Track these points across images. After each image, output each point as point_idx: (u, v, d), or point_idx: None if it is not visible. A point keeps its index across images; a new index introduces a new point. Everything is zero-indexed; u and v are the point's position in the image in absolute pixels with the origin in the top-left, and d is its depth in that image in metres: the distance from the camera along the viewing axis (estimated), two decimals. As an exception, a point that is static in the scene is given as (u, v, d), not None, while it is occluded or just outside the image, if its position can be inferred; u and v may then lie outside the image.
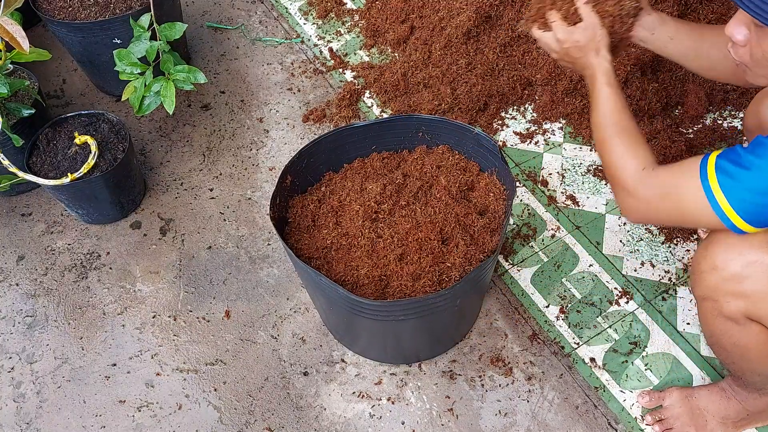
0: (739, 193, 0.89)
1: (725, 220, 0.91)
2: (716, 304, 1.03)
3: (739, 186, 0.88)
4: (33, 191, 1.72)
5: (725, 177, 0.90)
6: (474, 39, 1.81)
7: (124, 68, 1.44)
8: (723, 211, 0.90)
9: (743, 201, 0.88)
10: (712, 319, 1.06)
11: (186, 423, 1.32)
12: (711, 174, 0.92)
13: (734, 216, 0.90)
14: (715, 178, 0.91)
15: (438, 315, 1.21)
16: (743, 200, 0.88)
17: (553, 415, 1.31)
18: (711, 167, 0.92)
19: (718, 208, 0.90)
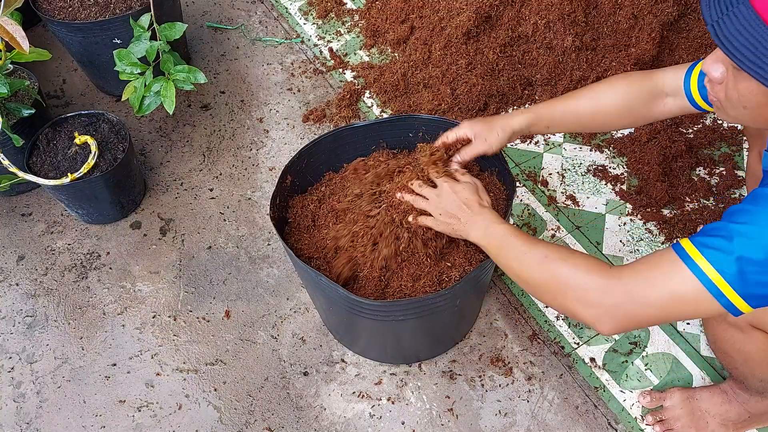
0: (732, 264, 0.78)
1: (722, 300, 0.79)
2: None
3: (731, 258, 0.78)
4: (33, 191, 1.72)
5: (712, 251, 0.79)
6: (474, 39, 1.81)
7: (124, 68, 1.44)
8: (719, 290, 0.79)
9: (737, 274, 0.78)
10: (717, 325, 1.06)
11: (186, 423, 1.32)
12: (693, 252, 0.81)
13: (731, 293, 0.79)
14: (700, 255, 0.80)
15: (438, 315, 1.21)
16: (737, 273, 0.78)
17: (553, 415, 1.31)
18: (690, 247, 0.82)
19: (713, 287, 0.79)
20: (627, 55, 1.75)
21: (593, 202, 1.61)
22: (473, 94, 1.74)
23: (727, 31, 0.76)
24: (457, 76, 1.78)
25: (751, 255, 0.77)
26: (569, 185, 1.65)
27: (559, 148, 1.72)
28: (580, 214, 1.59)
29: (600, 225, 1.57)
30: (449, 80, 1.78)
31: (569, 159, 1.70)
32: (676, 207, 1.58)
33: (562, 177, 1.66)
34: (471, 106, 1.75)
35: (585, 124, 1.19)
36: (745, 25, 0.74)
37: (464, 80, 1.77)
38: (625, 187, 1.63)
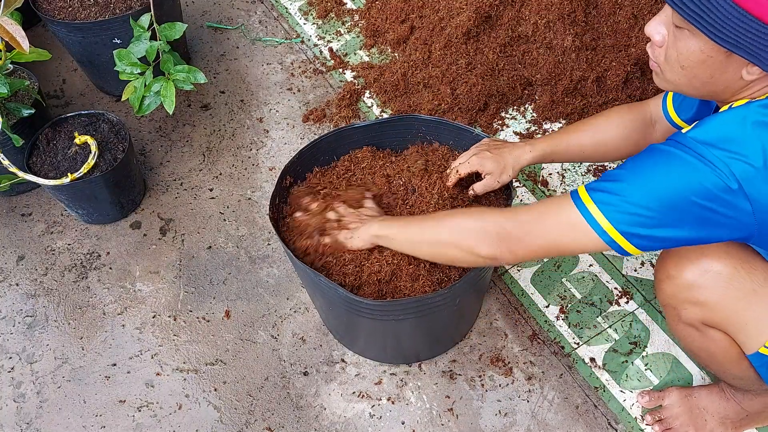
0: (616, 207, 0.87)
1: (606, 239, 0.89)
2: (675, 311, 1.05)
3: (616, 199, 0.87)
4: (33, 191, 1.72)
5: (599, 194, 0.89)
6: (474, 39, 1.81)
7: (124, 68, 1.44)
8: (604, 230, 0.88)
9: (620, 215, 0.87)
10: (675, 325, 1.09)
11: (186, 423, 1.32)
12: (584, 195, 0.91)
13: (613, 232, 0.88)
14: (589, 198, 0.90)
15: (438, 315, 1.21)
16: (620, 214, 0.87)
17: (553, 415, 1.31)
18: (582, 190, 0.92)
19: (598, 227, 0.89)
20: (627, 55, 1.75)
21: (593, 202, 1.61)
22: (473, 94, 1.74)
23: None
24: (457, 76, 1.78)
25: (633, 199, 0.86)
26: (569, 185, 1.65)
27: (559, 148, 1.72)
28: (580, 214, 1.59)
29: (600, 225, 1.57)
30: (449, 80, 1.78)
31: (569, 159, 1.70)
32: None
33: (562, 177, 1.66)
34: (471, 106, 1.75)
35: (587, 157, 1.27)
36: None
37: (464, 80, 1.77)
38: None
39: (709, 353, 1.08)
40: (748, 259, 0.97)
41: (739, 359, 1.04)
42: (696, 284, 0.99)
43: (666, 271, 1.03)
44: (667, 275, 1.03)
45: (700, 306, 1.00)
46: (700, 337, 1.06)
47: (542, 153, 1.23)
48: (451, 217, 1.06)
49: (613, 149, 1.23)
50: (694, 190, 0.84)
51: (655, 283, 1.07)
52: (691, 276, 0.99)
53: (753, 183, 0.82)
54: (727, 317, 0.99)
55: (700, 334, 1.05)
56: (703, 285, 0.98)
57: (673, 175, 0.85)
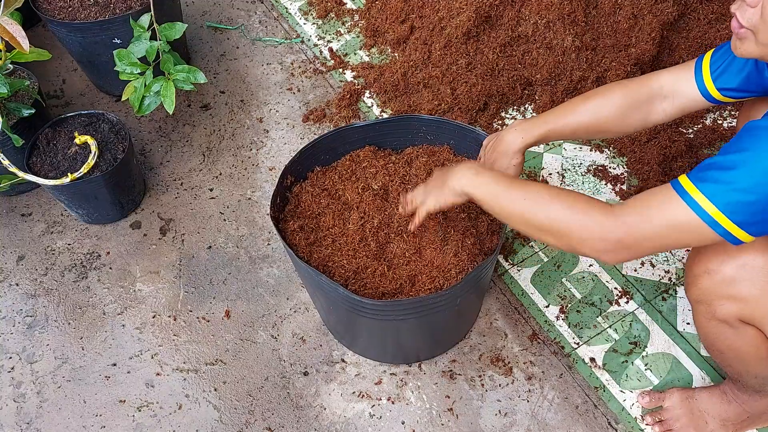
0: (727, 195, 0.82)
1: (718, 229, 0.84)
2: (710, 308, 1.03)
3: (726, 188, 0.82)
4: (33, 191, 1.72)
5: (706, 184, 0.84)
6: (474, 39, 1.81)
7: (124, 68, 1.44)
8: (715, 220, 0.83)
9: (733, 204, 0.82)
10: (706, 322, 1.07)
11: (186, 423, 1.32)
12: (688, 186, 0.85)
13: (727, 223, 0.83)
14: (695, 188, 0.84)
15: (438, 315, 1.21)
16: (732, 203, 0.82)
17: (552, 415, 1.31)
18: (686, 181, 0.86)
19: (709, 218, 0.84)
20: (627, 55, 1.75)
21: (593, 202, 1.61)
22: (473, 94, 1.74)
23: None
24: (457, 76, 1.78)
25: (743, 184, 0.81)
26: (569, 185, 1.65)
27: (559, 148, 1.72)
28: (580, 214, 1.59)
29: (600, 225, 1.57)
30: (449, 80, 1.78)
31: (569, 159, 1.70)
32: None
33: (562, 177, 1.66)
34: (471, 106, 1.75)
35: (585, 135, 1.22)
36: None
37: (464, 80, 1.77)
38: (625, 186, 1.63)
39: (737, 352, 1.07)
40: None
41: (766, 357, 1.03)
42: (736, 279, 0.96)
43: (703, 265, 1.00)
44: (705, 270, 1.00)
45: (738, 301, 0.98)
46: (733, 335, 1.04)
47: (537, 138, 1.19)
48: (551, 201, 0.96)
49: (612, 128, 1.18)
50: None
51: (689, 278, 1.04)
52: (731, 270, 0.97)
53: None
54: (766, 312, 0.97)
55: (733, 331, 1.03)
56: (743, 279, 0.96)
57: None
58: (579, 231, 0.93)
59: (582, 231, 0.92)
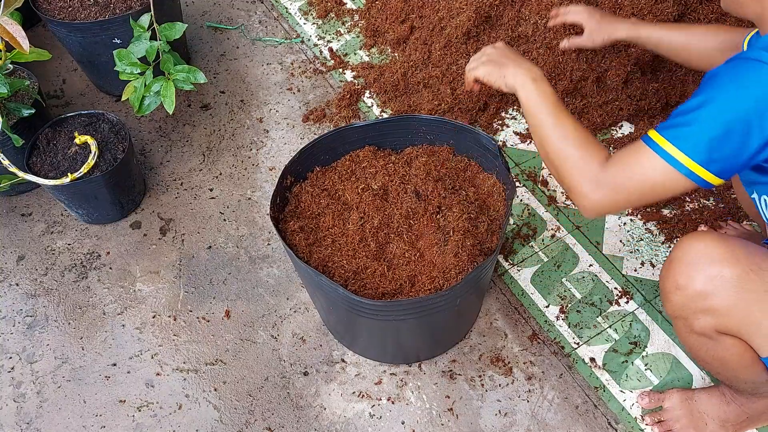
0: (688, 138, 0.88)
1: (682, 170, 0.90)
2: (687, 322, 1.03)
3: (685, 130, 0.88)
4: (33, 191, 1.72)
5: (669, 130, 0.90)
6: (474, 39, 1.81)
7: (124, 68, 1.44)
8: (678, 161, 0.89)
9: (692, 144, 0.88)
10: (687, 335, 1.07)
11: (186, 423, 1.32)
12: (657, 138, 0.92)
13: (690, 162, 0.89)
14: (664, 139, 0.90)
15: (438, 315, 1.21)
16: (691, 143, 0.88)
17: (552, 415, 1.31)
18: (655, 134, 0.93)
19: (680, 166, 0.89)
20: (627, 55, 1.75)
21: (593, 202, 1.61)
22: (473, 94, 1.74)
23: None
24: (457, 76, 1.78)
25: (709, 132, 0.87)
26: (569, 185, 1.65)
27: (559, 148, 1.72)
28: (580, 214, 1.59)
29: (600, 225, 1.57)
30: (449, 80, 1.78)
31: (569, 159, 1.70)
32: (676, 207, 1.58)
33: (562, 177, 1.66)
34: (471, 106, 1.75)
35: (679, 55, 1.33)
36: None
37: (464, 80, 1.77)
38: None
39: (722, 362, 1.07)
40: (756, 260, 0.96)
41: (753, 364, 1.03)
42: (707, 292, 0.96)
43: (674, 281, 1.01)
44: (675, 286, 1.00)
45: (712, 314, 0.98)
46: (714, 346, 1.04)
47: (637, 35, 1.34)
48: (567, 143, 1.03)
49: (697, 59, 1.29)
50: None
51: (662, 294, 1.05)
52: (701, 285, 0.97)
53: None
54: (742, 322, 0.97)
55: (713, 342, 1.03)
56: (714, 292, 0.96)
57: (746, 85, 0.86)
58: (577, 176, 1.00)
59: (578, 176, 1.00)
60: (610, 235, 1.55)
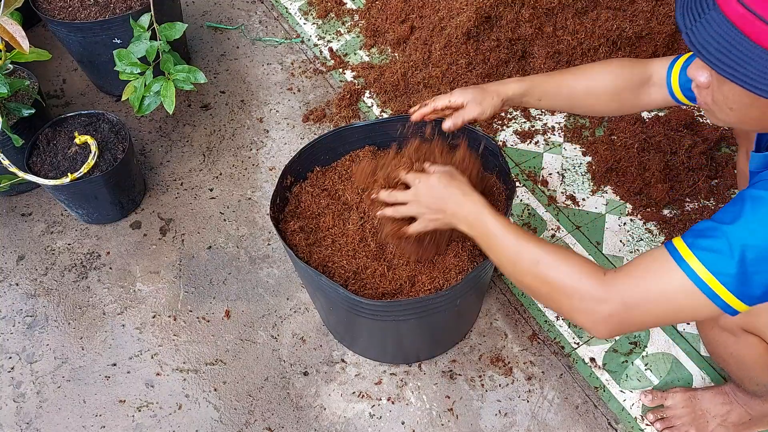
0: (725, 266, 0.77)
1: (717, 301, 0.78)
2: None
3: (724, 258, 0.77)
4: (33, 191, 1.72)
5: (705, 253, 0.78)
6: (474, 39, 1.81)
7: (124, 68, 1.44)
8: (714, 292, 0.78)
9: (729, 275, 0.77)
10: (709, 329, 1.06)
11: (186, 423, 1.32)
12: (686, 253, 0.80)
13: (726, 294, 0.78)
14: (694, 257, 0.79)
15: (438, 315, 1.21)
16: (728, 274, 0.77)
17: (553, 415, 1.31)
18: (683, 248, 0.80)
19: (707, 289, 0.78)
20: (626, 55, 1.75)
21: (593, 202, 1.61)
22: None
23: (701, 37, 0.75)
24: (457, 76, 1.78)
25: (743, 255, 0.76)
26: (569, 185, 1.65)
27: (559, 148, 1.72)
28: (580, 214, 1.59)
29: (600, 225, 1.57)
30: (449, 80, 1.78)
31: (569, 159, 1.70)
32: (677, 207, 1.58)
33: (562, 177, 1.66)
34: (471, 106, 1.75)
35: (575, 104, 1.18)
36: (717, 30, 0.74)
37: (464, 80, 1.77)
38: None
39: (739, 359, 1.06)
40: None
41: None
42: None
43: None
44: None
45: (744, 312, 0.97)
46: (735, 343, 1.03)
47: (530, 86, 1.14)
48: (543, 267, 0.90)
49: (604, 102, 1.15)
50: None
51: None
52: None
53: None
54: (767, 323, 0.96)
55: (735, 339, 1.02)
56: None
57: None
58: (570, 297, 0.87)
59: (572, 297, 0.87)
60: (611, 235, 1.55)
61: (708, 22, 0.75)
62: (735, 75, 0.73)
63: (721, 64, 0.74)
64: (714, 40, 0.74)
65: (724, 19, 0.74)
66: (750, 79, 0.73)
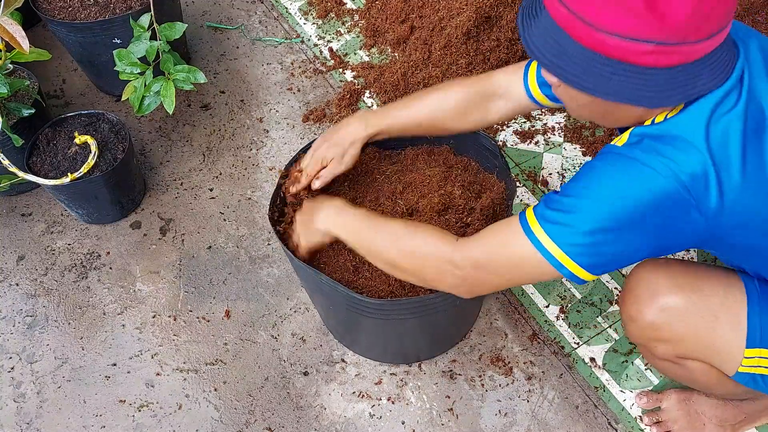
0: (570, 237, 0.82)
1: (563, 271, 0.84)
2: (647, 349, 1.05)
3: (569, 230, 0.82)
4: (33, 191, 1.72)
5: (551, 225, 0.84)
6: (474, 39, 1.81)
7: (124, 68, 1.44)
8: (559, 262, 0.83)
9: (576, 245, 0.82)
10: (652, 360, 1.10)
11: (186, 423, 1.32)
12: (534, 225, 0.85)
13: (572, 264, 0.83)
14: (541, 229, 0.84)
15: (438, 315, 1.21)
16: (576, 244, 0.82)
17: (553, 415, 1.31)
18: (532, 219, 0.86)
19: (553, 259, 0.83)
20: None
21: (593, 202, 1.61)
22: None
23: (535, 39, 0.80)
24: (457, 76, 1.78)
25: (585, 227, 0.81)
26: (569, 185, 1.65)
27: (559, 148, 1.72)
28: (580, 214, 1.59)
29: (600, 225, 1.57)
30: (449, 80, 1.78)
31: (569, 159, 1.70)
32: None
33: (562, 177, 1.66)
34: (471, 106, 1.75)
35: (427, 130, 1.22)
36: (547, 31, 0.79)
37: (464, 80, 1.77)
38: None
39: (692, 380, 1.08)
40: (699, 285, 0.97)
41: (721, 381, 1.03)
42: (657, 324, 0.98)
43: (627, 313, 1.02)
44: (629, 318, 1.02)
45: (667, 342, 0.99)
46: (680, 369, 1.06)
47: (378, 130, 1.18)
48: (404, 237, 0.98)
49: (451, 125, 1.18)
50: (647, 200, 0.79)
51: (622, 322, 1.07)
52: (651, 316, 0.98)
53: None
54: (698, 347, 0.98)
55: (678, 366, 1.05)
56: (663, 323, 0.97)
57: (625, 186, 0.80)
58: (430, 264, 0.93)
59: (432, 263, 0.92)
60: (610, 235, 1.55)
61: (539, 25, 0.80)
62: (563, 74, 0.78)
63: (552, 65, 0.79)
64: (545, 41, 0.79)
65: (552, 21, 0.78)
66: (577, 77, 0.77)
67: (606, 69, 0.76)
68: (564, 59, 0.78)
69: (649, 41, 0.73)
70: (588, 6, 0.74)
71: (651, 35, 0.73)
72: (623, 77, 0.76)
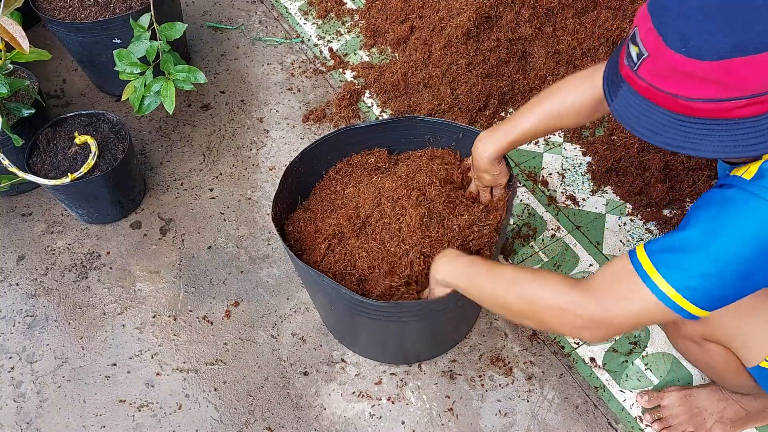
0: (687, 281, 0.80)
1: (682, 313, 0.82)
2: (675, 326, 1.06)
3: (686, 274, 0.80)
4: (33, 191, 1.72)
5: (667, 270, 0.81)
6: (474, 39, 1.81)
7: (124, 68, 1.44)
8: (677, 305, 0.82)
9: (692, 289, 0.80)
10: (675, 338, 1.10)
11: (186, 423, 1.32)
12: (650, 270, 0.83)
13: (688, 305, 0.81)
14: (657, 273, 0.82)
15: (440, 316, 1.21)
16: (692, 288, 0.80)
17: (553, 415, 1.31)
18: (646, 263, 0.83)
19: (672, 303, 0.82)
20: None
21: (593, 202, 1.62)
22: (473, 94, 1.74)
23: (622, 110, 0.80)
24: (457, 76, 1.78)
25: (703, 269, 0.79)
26: (569, 185, 1.65)
27: (559, 148, 1.72)
28: (580, 214, 1.59)
29: (600, 225, 1.57)
30: (449, 80, 1.78)
31: (569, 159, 1.70)
32: (677, 207, 1.58)
33: (562, 177, 1.66)
34: (471, 106, 1.75)
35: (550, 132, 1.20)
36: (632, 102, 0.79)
37: (464, 80, 1.77)
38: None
39: (708, 365, 1.09)
40: None
41: (738, 371, 1.04)
42: None
43: None
44: None
45: (700, 322, 0.99)
46: (700, 351, 1.06)
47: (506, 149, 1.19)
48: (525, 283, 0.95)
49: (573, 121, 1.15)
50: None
51: None
52: None
53: None
54: (728, 333, 0.99)
55: (699, 348, 1.05)
56: None
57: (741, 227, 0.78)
58: (552, 309, 0.91)
59: (554, 309, 0.91)
60: (611, 235, 1.55)
61: (623, 96, 0.80)
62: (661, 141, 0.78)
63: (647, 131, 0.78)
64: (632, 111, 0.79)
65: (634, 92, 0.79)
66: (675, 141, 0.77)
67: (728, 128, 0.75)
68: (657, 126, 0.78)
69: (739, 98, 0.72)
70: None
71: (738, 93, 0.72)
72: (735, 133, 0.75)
